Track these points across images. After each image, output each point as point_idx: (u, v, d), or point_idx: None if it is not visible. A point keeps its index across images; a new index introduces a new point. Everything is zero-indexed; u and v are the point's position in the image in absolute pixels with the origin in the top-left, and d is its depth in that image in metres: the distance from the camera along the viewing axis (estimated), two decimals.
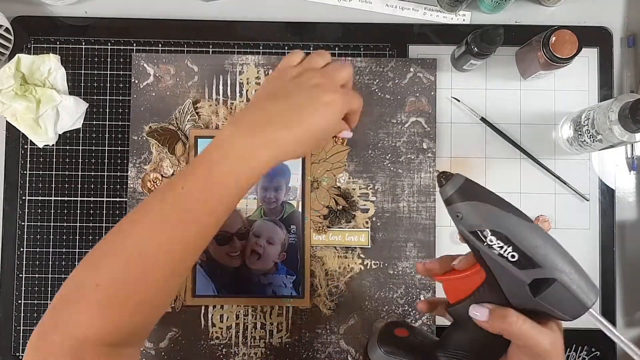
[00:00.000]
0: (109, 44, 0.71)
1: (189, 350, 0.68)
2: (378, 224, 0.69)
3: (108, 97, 0.71)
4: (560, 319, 0.42)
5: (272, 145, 0.49)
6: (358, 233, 0.68)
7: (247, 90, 0.70)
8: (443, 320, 0.69)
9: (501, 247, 0.40)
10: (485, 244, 0.40)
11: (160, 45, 0.72)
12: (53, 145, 0.70)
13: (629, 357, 0.70)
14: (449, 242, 0.70)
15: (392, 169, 0.70)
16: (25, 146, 0.70)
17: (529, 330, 0.41)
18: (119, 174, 0.70)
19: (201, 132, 0.69)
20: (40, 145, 0.70)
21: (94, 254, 0.47)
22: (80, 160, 0.70)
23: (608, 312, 0.69)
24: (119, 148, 0.71)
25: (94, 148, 0.71)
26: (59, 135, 0.70)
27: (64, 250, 0.70)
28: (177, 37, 0.72)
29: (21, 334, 0.69)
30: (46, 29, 0.71)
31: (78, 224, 0.70)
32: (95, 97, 0.71)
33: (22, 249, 0.69)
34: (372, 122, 0.70)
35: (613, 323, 0.69)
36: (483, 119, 0.71)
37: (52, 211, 0.70)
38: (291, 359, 0.68)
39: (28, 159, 0.70)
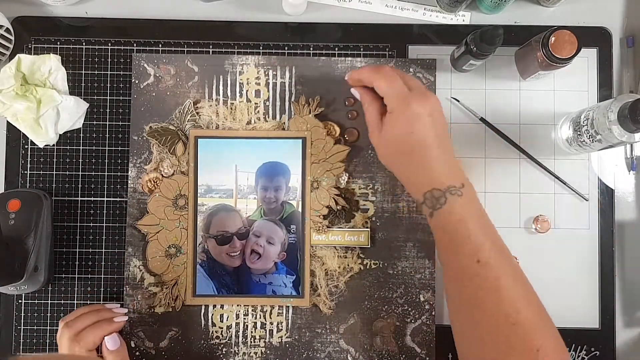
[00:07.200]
0: (109, 44, 0.72)
1: (189, 349, 0.68)
2: (378, 223, 0.69)
3: (108, 97, 0.71)
4: None
5: None
6: (358, 233, 0.68)
7: (247, 91, 0.71)
8: (443, 320, 0.69)
9: None
10: None
11: (160, 46, 0.72)
12: (53, 145, 0.71)
13: (628, 357, 0.70)
14: None
15: None
16: (26, 146, 0.70)
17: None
18: (119, 174, 0.70)
19: (201, 132, 0.69)
20: (41, 145, 0.70)
21: None
22: (80, 160, 0.71)
23: (608, 312, 0.69)
24: (119, 148, 0.71)
25: (94, 148, 0.71)
26: (60, 135, 0.71)
27: (64, 250, 0.70)
28: (177, 37, 0.72)
29: (21, 334, 0.69)
30: (47, 29, 0.72)
31: (78, 224, 0.70)
32: (95, 97, 0.71)
33: None
34: None
35: (613, 323, 0.69)
36: (482, 119, 0.71)
37: (53, 211, 0.70)
38: (291, 359, 0.68)
39: (28, 159, 0.70)
